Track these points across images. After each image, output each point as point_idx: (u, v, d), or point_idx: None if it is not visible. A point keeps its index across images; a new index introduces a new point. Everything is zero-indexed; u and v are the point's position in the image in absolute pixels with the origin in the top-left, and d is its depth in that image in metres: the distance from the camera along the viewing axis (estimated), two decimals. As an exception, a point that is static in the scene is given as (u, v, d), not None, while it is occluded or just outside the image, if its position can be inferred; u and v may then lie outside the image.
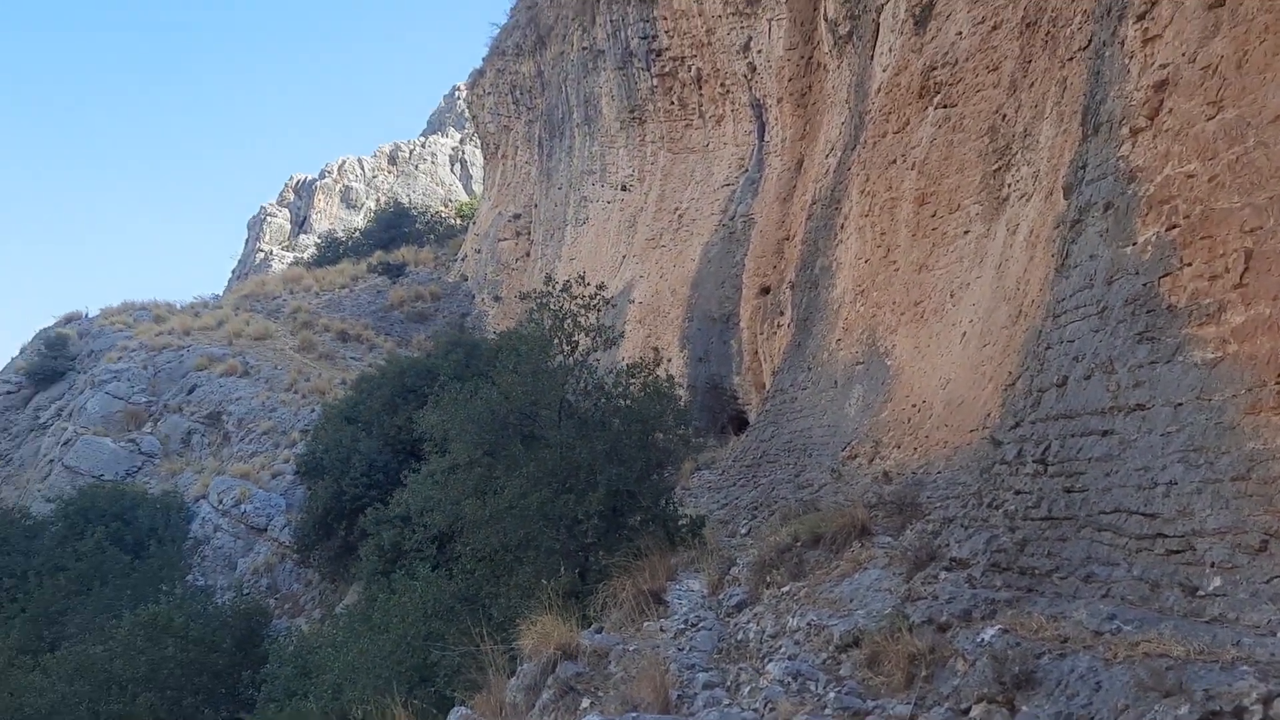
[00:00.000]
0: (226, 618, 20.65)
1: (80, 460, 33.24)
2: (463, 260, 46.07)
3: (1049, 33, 12.31)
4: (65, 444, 34.25)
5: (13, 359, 42.48)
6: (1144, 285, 6.77)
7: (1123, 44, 7.78)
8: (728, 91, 25.38)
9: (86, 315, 43.46)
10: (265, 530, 29.23)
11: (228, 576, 27.93)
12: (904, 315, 14.81)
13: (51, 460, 34.31)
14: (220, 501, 30.15)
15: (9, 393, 39.99)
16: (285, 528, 28.24)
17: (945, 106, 14.53)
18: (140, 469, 33.28)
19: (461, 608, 13.12)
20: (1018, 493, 7.54)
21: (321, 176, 68.16)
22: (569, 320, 14.30)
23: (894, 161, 15.68)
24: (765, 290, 22.01)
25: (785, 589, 9.41)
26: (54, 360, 39.45)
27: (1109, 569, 6.33)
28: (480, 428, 13.89)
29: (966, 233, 13.72)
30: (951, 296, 13.78)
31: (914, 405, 13.70)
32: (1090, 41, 10.12)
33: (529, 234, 39.27)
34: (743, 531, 15.20)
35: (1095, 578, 6.43)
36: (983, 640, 6.21)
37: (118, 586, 23.38)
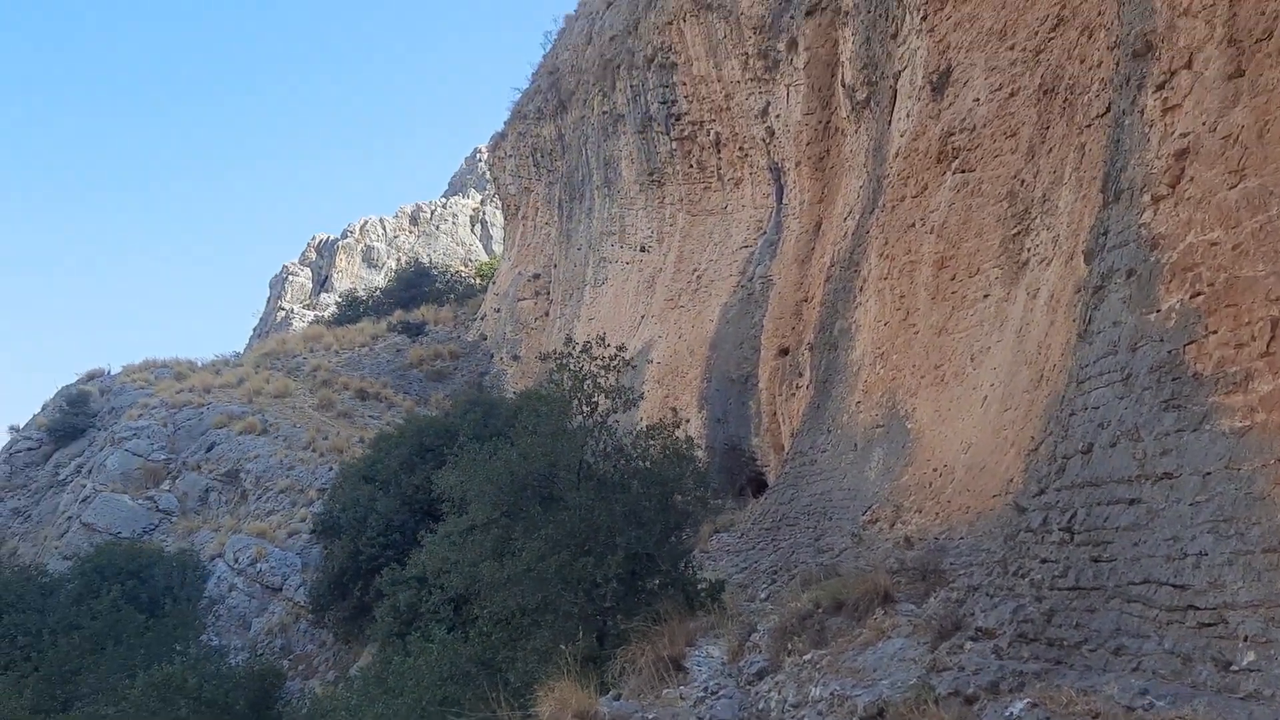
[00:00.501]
0: (240, 679, 20.48)
1: (98, 517, 33.29)
2: (482, 319, 46.33)
3: (1067, 100, 12.42)
4: (84, 501, 34.34)
5: (34, 415, 42.78)
6: (1169, 352, 6.75)
7: (1142, 112, 7.84)
8: (746, 155, 25.64)
9: (109, 372, 43.82)
10: (280, 590, 29.12)
11: (242, 636, 27.80)
12: (924, 378, 14.76)
13: (70, 517, 34.37)
14: (236, 560, 30.09)
15: (30, 449, 40.22)
16: (300, 587, 28.12)
17: (964, 171, 14.61)
18: (157, 527, 33.30)
19: (478, 672, 12.99)
20: (1044, 561, 7.44)
21: (343, 236, 68.92)
22: (588, 381, 14.33)
23: (913, 225, 15.75)
24: (784, 351, 22.02)
25: (807, 657, 9.29)
26: (75, 417, 39.71)
27: (1140, 641, 6.22)
28: (499, 488, 13.87)
29: (986, 296, 13.72)
30: (972, 360, 13.75)
31: (935, 469, 13.60)
32: (1109, 109, 10.20)
33: (548, 294, 39.51)
34: (762, 596, 15.05)
35: (1126, 650, 6.33)
36: (1011, 714, 6.10)
37: (132, 646, 23.24)
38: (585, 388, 14.29)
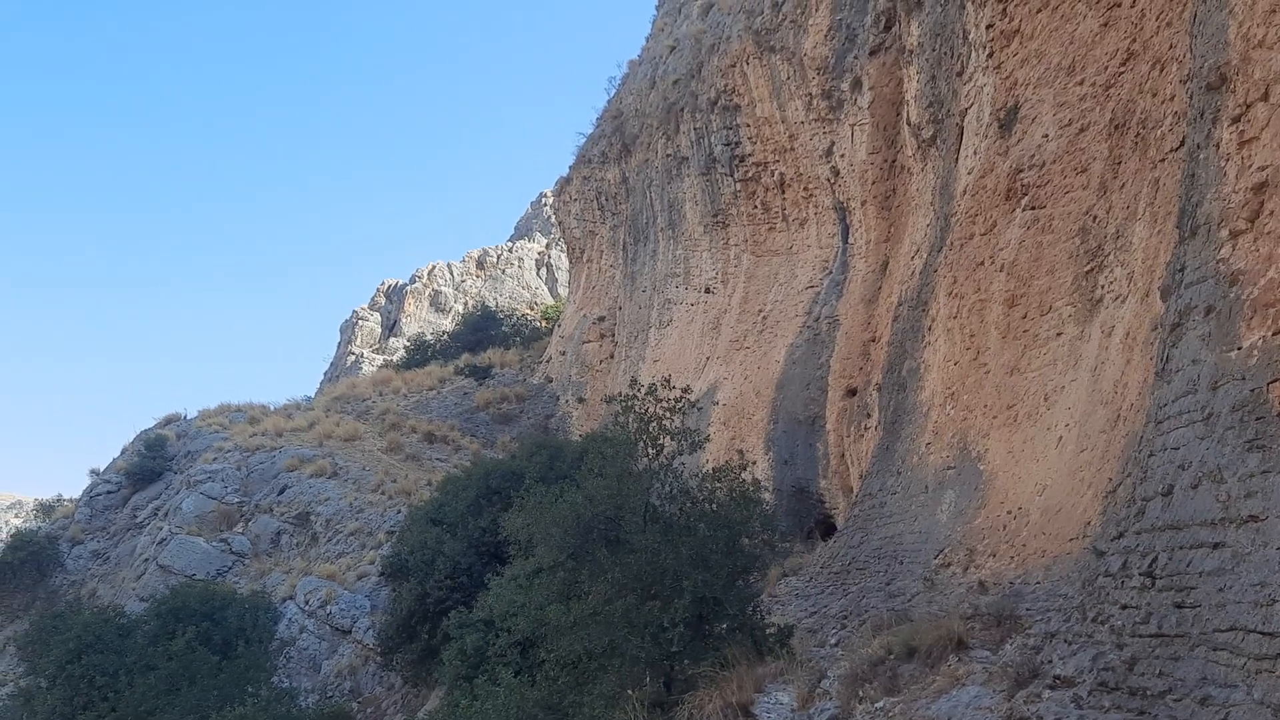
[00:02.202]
0: (310, 721, 20.61)
1: (174, 559, 33.93)
2: (548, 362, 46.64)
3: (1139, 134, 12.22)
4: (160, 543, 35.04)
5: (114, 459, 43.84)
6: (1251, 391, 6.54)
7: (1218, 146, 7.67)
8: (811, 195, 25.60)
9: (185, 416, 44.81)
10: (350, 632, 29.32)
11: (312, 678, 28.00)
12: (996, 419, 14.50)
13: (147, 559, 35.08)
14: (307, 602, 30.40)
15: (109, 492, 41.21)
16: (369, 630, 28.28)
17: (1034, 208, 14.43)
18: (231, 568, 33.82)
19: (545, 716, 12.93)
20: (1124, 607, 7.21)
21: (412, 281, 70.04)
22: (654, 423, 14.29)
23: (982, 263, 15.56)
24: (851, 392, 21.81)
25: (879, 704, 9.09)
26: (152, 461, 40.61)
27: (1227, 691, 5.98)
28: (565, 531, 13.84)
29: (1059, 335, 13.47)
30: (1045, 400, 13.48)
31: (1009, 512, 13.31)
32: (1183, 143, 10.01)
33: (613, 336, 39.67)
34: (832, 642, 14.78)
35: (1212, 700, 6.09)
36: (1094, 766, 5.87)
37: (205, 687, 23.53)
38: (651, 430, 14.25)
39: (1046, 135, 14.26)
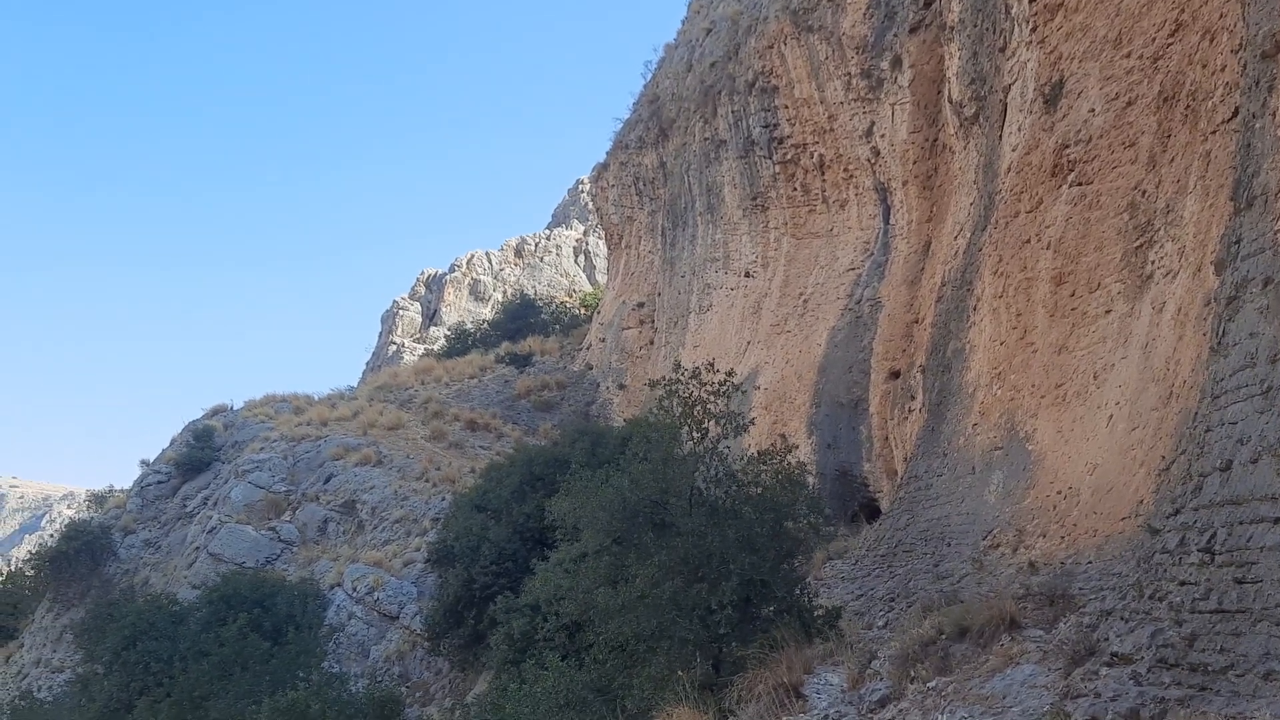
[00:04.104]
0: (361, 705, 20.88)
1: (224, 548, 34.46)
2: (587, 349, 46.75)
3: (1189, 106, 12.00)
4: (210, 532, 35.59)
5: (163, 450, 44.52)
6: (1314, 363, 6.42)
7: (1274, 115, 7.53)
8: (851, 176, 25.41)
9: (232, 407, 45.38)
10: (397, 618, 29.64)
11: (361, 664, 28.35)
12: (1044, 398, 14.35)
13: (197, 548, 35.65)
14: (354, 589, 30.76)
15: (159, 482, 41.89)
16: (416, 615, 28.58)
17: (1080, 184, 14.23)
18: (279, 556, 34.28)
19: (594, 698, 13.01)
20: (1183, 584, 7.13)
21: (451, 270, 70.39)
22: (698, 407, 14.29)
23: (1028, 241, 15.37)
24: (895, 374, 21.66)
25: (931, 684, 9.05)
26: (201, 451, 41.22)
27: (1291, 667, 5.90)
28: (611, 515, 13.89)
29: (1108, 312, 13.29)
30: (1095, 378, 13.31)
31: (1059, 492, 13.18)
32: (1236, 113, 9.83)
33: (653, 322, 39.66)
34: (880, 624, 14.74)
35: (1276, 675, 6.01)
36: (1155, 742, 5.82)
37: (257, 673, 23.91)
38: (695, 414, 14.25)
39: (1093, 110, 14.04)
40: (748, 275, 30.38)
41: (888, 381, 21.80)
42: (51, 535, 48.02)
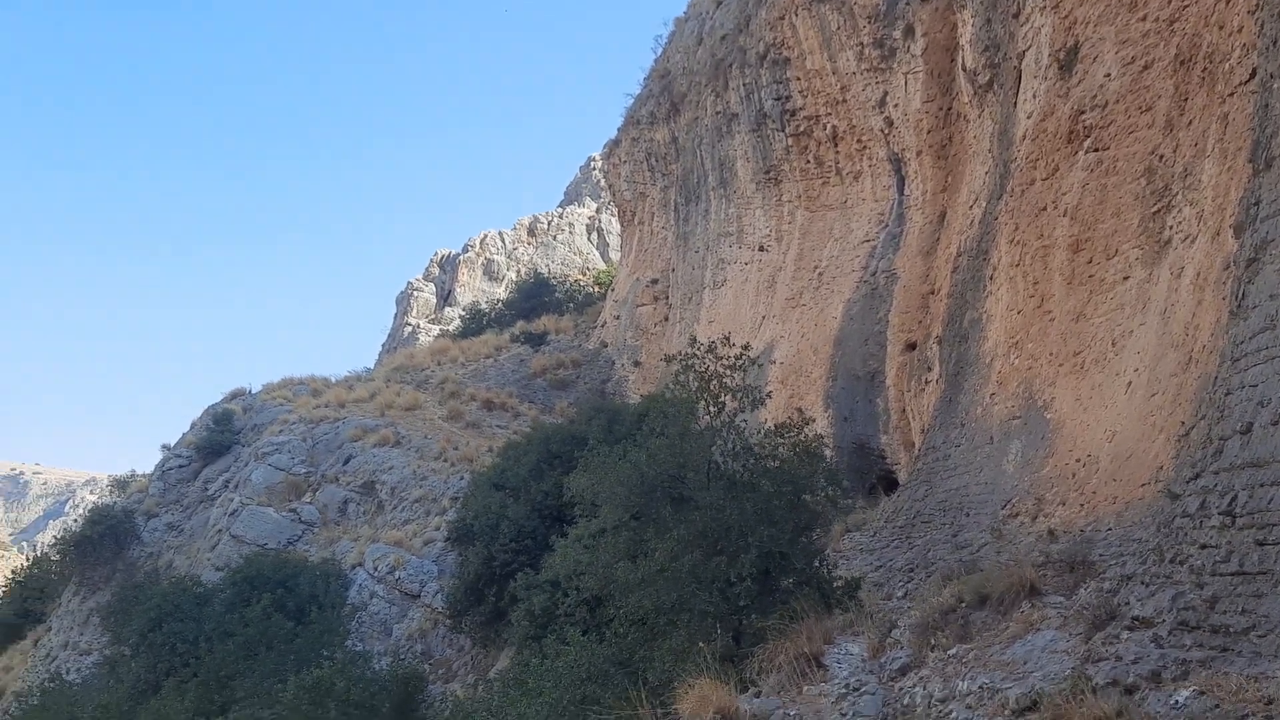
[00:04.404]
0: (385, 682, 21.05)
1: (246, 530, 34.73)
2: (602, 327, 46.76)
3: (1205, 69, 11.89)
4: (232, 514, 35.86)
5: (183, 434, 44.82)
6: (1335, 323, 6.38)
7: (1294, 73, 7.45)
8: (865, 147, 25.26)
9: (250, 391, 45.62)
10: (419, 596, 29.85)
11: (384, 642, 28.57)
12: (1062, 366, 14.30)
13: (219, 530, 35.94)
14: (376, 568, 30.98)
15: (181, 466, 42.20)
16: (438, 594, 28.77)
17: (1097, 150, 14.12)
18: (301, 537, 34.54)
19: (616, 671, 13.08)
20: (1203, 547, 7.12)
21: (464, 251, 70.45)
22: (715, 381, 14.28)
23: (1044, 209, 15.28)
24: (911, 346, 21.61)
25: (952, 651, 9.08)
26: (221, 435, 41.47)
27: (1314, 627, 5.89)
28: (629, 490, 13.92)
29: (1126, 279, 13.22)
30: (1113, 345, 13.26)
31: (1078, 460, 13.15)
32: (1254, 75, 9.73)
33: (667, 298, 39.63)
34: (899, 594, 14.78)
35: (1298, 637, 6.00)
36: (1177, 703, 5.84)
37: (282, 652, 24.15)
38: (711, 388, 14.25)
39: (1109, 74, 13.92)
40: (762, 249, 30.30)
41: (904, 353, 21.75)
42: (75, 520, 48.49)
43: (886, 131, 23.96)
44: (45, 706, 23.11)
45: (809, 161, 27.58)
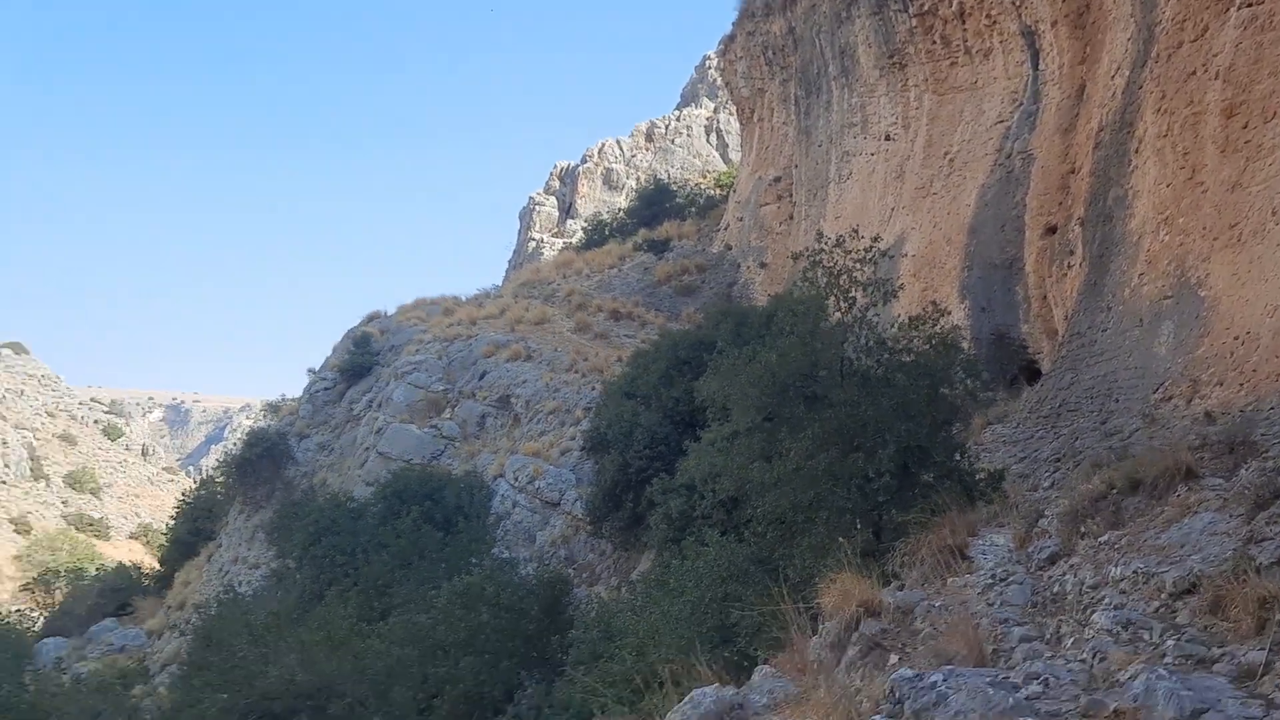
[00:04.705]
0: (532, 587, 21.76)
1: (391, 447, 36.10)
2: (725, 230, 46.27)
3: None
4: (377, 432, 37.28)
5: (327, 358, 46.58)
6: None
7: None
8: (994, 22, 23.93)
9: (386, 313, 46.99)
10: (559, 505, 30.62)
11: (528, 549, 29.51)
12: (1217, 241, 13.45)
13: (367, 448, 37.45)
14: (516, 479, 31.86)
15: (327, 388, 43.95)
16: (577, 501, 29.45)
17: (1251, 5, 13.02)
18: (443, 452, 35.73)
19: (755, 569, 13.14)
20: (1383, 420, 6.63)
21: (583, 162, 70.37)
22: (844, 276, 13.94)
23: (1193, 73, 14.24)
24: (1051, 230, 20.67)
25: (1103, 538, 8.76)
26: (361, 357, 42.96)
27: None
28: (760, 391, 13.81)
29: (1288, 141, 12.26)
30: (1274, 215, 12.38)
31: (1236, 338, 12.43)
32: None
33: (790, 196, 38.85)
34: (1046, 484, 14.36)
35: None
36: (1355, 583, 5.49)
37: (433, 561, 25.20)
38: (841, 283, 13.91)
39: (1265, -82, 12.75)
40: (888, 138, 29.27)
41: (1044, 238, 20.83)
42: (235, 444, 51.30)
43: (1018, 3, 22.62)
44: (222, 616, 24.69)
45: (935, 42, 26.32)
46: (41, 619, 48.76)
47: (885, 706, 6.37)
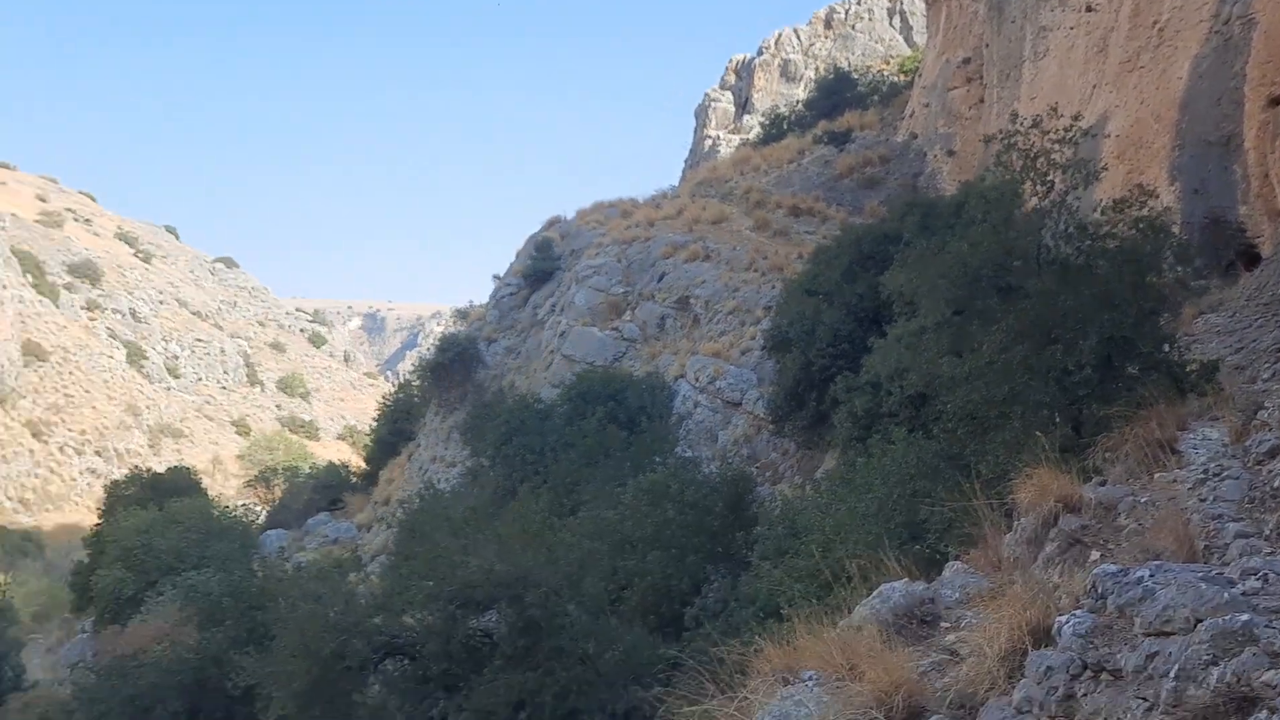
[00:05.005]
0: (715, 484, 21.99)
1: (574, 349, 36.93)
2: (910, 118, 44.41)
3: None
4: (560, 336, 38.18)
5: (511, 264, 47.80)
6: None
7: None
8: (1211, -128, 21.66)
9: (565, 218, 47.67)
10: (740, 404, 30.70)
11: (710, 448, 29.81)
12: None
13: (551, 351, 38.45)
14: (697, 380, 32.08)
15: (511, 294, 45.20)
16: (758, 401, 29.44)
17: None
18: (625, 354, 36.31)
19: (945, 466, 12.82)
20: None
21: (759, 54, 68.61)
22: (1041, 159, 13.11)
23: None
24: (1275, 101, 18.82)
25: (1336, 431, 8.07)
26: (543, 261, 43.88)
27: None
28: (950, 283, 13.26)
29: None
30: None
31: None
32: None
33: (981, 79, 36.76)
34: (1265, 376, 13.32)
35: None
36: None
37: (619, 459, 25.81)
38: (1038, 166, 13.09)
39: None
40: (1089, 9, 27.15)
41: (1266, 110, 18.99)
42: (428, 350, 53.64)
43: None
44: (424, 510, 26.14)
45: (1141, -101, 24.06)
46: (264, 513, 52.98)
47: (1086, 602, 6.09)
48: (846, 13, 66.66)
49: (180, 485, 45.37)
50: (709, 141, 66.01)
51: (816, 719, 4.91)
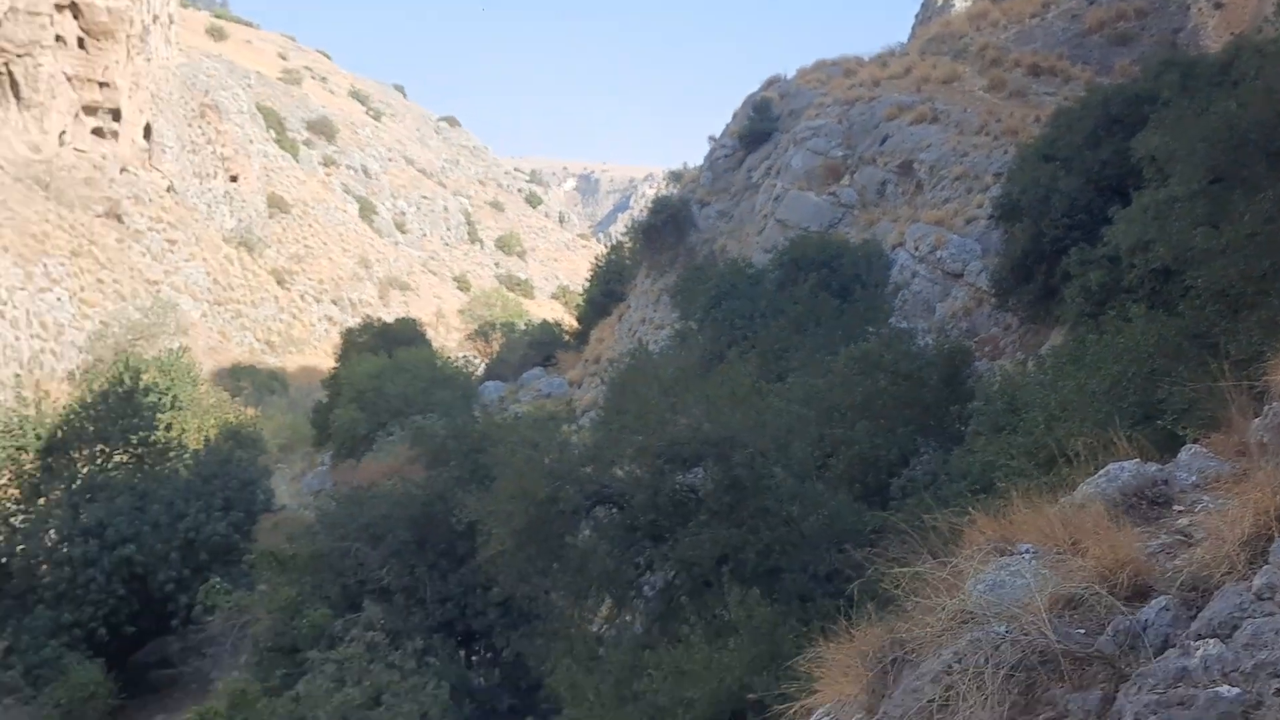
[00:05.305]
0: (930, 357, 21.30)
1: (789, 214, 36.22)
2: (1172, -32, 40.18)
3: None
4: (775, 200, 37.49)
5: (727, 125, 47.02)
6: None
7: None
8: None
9: (785, 78, 46.25)
10: (961, 275, 29.49)
11: (926, 320, 28.89)
12: None
13: (765, 215, 37.86)
14: (916, 248, 30.95)
15: (726, 156, 44.59)
16: (981, 273, 28.18)
17: None
18: (841, 220, 35.36)
19: (1190, 345, 11.88)
20: None
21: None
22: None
23: None
24: None
25: None
26: (760, 123, 42.90)
27: None
28: (1211, 146, 12.08)
29: None
30: None
31: None
32: None
33: (1261, -80, 32.75)
34: None
35: None
36: None
37: (830, 327, 25.37)
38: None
39: None
40: None
41: None
42: (640, 212, 54.03)
43: None
44: (635, 368, 26.63)
45: None
46: (482, 365, 55.60)
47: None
48: None
49: (407, 335, 48.08)
50: (942, -4, 62.02)
51: (1035, 589, 4.69)
